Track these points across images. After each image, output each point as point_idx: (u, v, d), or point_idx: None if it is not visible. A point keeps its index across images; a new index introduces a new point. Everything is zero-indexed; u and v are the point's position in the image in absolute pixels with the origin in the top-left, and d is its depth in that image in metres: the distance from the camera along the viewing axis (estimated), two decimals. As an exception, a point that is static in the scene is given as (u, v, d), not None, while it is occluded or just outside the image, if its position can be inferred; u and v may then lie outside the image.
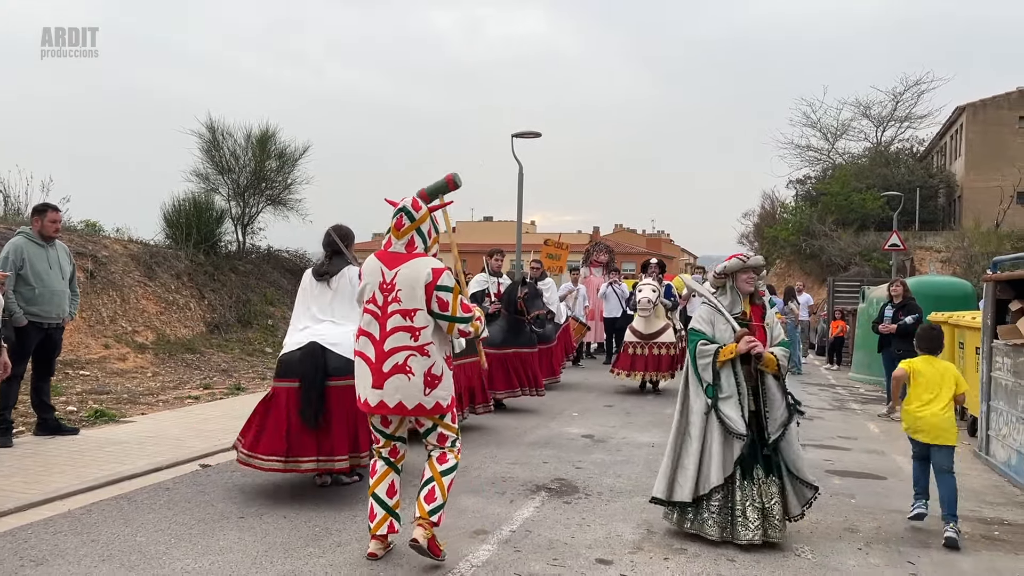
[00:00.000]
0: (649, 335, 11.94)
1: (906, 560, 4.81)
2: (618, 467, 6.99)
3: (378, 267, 4.35)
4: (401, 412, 4.28)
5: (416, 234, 4.41)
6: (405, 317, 4.24)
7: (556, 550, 4.72)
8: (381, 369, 4.23)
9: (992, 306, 7.94)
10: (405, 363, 4.20)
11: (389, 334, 4.24)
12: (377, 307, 4.29)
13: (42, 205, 7.34)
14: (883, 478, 7.04)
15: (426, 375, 4.23)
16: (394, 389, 4.21)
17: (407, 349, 4.22)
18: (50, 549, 4.41)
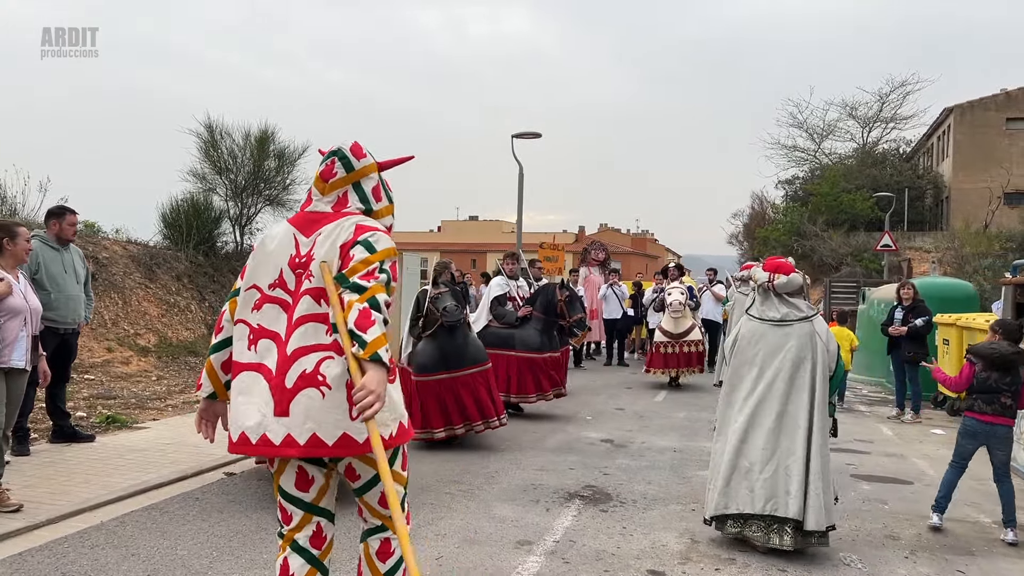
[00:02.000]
0: (679, 334, 12.76)
1: (955, 569, 4.78)
2: (645, 473, 6.93)
3: (290, 235, 2.88)
4: (317, 452, 2.65)
5: (353, 190, 2.95)
6: (318, 300, 2.72)
7: (605, 561, 4.65)
8: (283, 384, 2.66)
9: (1012, 309, 7.97)
10: (316, 370, 2.65)
11: (294, 328, 2.72)
12: (287, 292, 2.81)
13: (59, 208, 7.18)
14: (909, 482, 7.03)
15: (349, 386, 2.61)
16: (303, 415, 2.63)
17: (318, 349, 2.67)
18: (91, 564, 4.30)
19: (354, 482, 2.83)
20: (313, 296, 2.73)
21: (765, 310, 5.14)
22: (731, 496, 4.88)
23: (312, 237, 2.83)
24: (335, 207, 2.92)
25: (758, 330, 5.10)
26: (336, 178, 2.95)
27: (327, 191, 2.95)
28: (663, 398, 11.92)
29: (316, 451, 2.65)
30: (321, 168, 2.98)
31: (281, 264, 2.84)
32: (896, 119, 43.59)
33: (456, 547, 4.76)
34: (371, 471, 2.78)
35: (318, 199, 2.96)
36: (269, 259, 2.88)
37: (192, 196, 15.83)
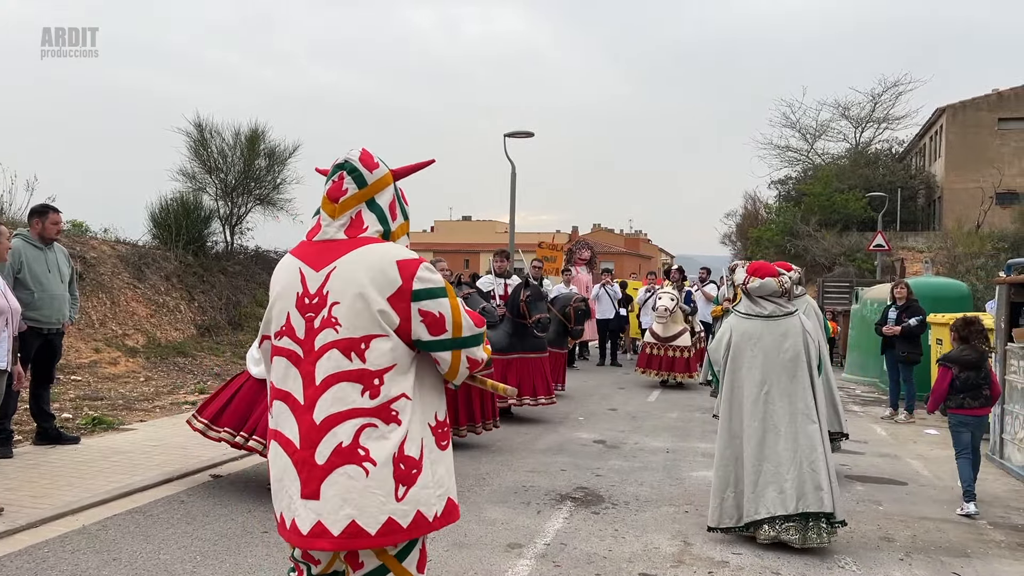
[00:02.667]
0: (666, 338, 12.88)
1: (951, 571, 4.72)
2: (638, 474, 6.86)
3: (295, 269, 2.43)
4: (356, 543, 2.26)
5: (367, 208, 2.46)
6: (349, 354, 2.28)
7: (597, 564, 4.58)
8: (313, 460, 2.26)
9: (1006, 309, 7.92)
10: (355, 443, 2.24)
11: (321, 390, 2.27)
12: (295, 342, 2.36)
13: (41, 206, 7.08)
14: (904, 483, 6.98)
15: (396, 461, 2.26)
16: (340, 498, 2.23)
17: (357, 414, 2.25)
18: (71, 569, 4.20)
19: (354, 571, 2.38)
20: (342, 349, 2.27)
21: (752, 306, 5.18)
22: (760, 501, 4.88)
23: (324, 271, 2.35)
24: (349, 231, 2.43)
25: (752, 330, 5.07)
26: (347, 196, 2.44)
27: (338, 213, 2.44)
28: (656, 398, 11.86)
29: (354, 543, 2.24)
30: (328, 186, 2.48)
31: (288, 307, 2.38)
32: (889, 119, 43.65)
33: (445, 551, 4.68)
34: (377, 562, 2.35)
35: (327, 223, 2.46)
36: (276, 302, 2.45)
37: (182, 195, 15.72)
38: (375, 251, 2.37)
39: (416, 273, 2.32)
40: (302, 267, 2.41)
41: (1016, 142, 36.96)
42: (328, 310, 2.30)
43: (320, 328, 2.30)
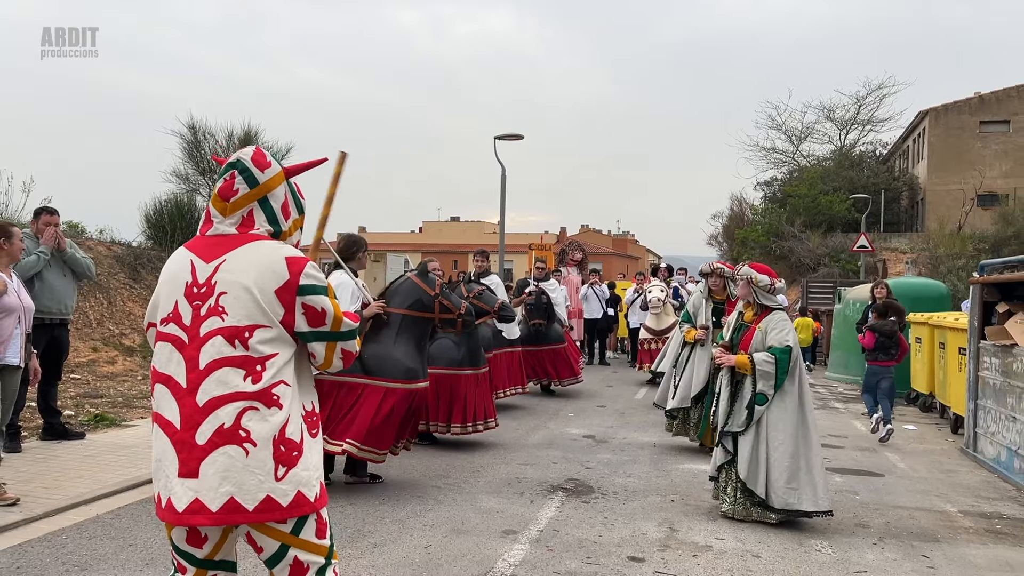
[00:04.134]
0: (661, 331, 13.13)
1: (920, 554, 5.01)
2: (626, 467, 7.13)
3: (185, 260, 2.51)
4: (234, 518, 2.34)
5: (259, 207, 2.55)
6: (233, 341, 2.38)
7: (587, 549, 4.84)
8: (193, 440, 2.34)
9: (980, 308, 8.23)
10: (236, 424, 2.34)
11: (205, 374, 2.37)
12: (181, 328, 2.43)
13: (39, 208, 7.37)
14: (880, 475, 7.27)
15: (276, 443, 2.37)
16: (219, 476, 2.32)
17: (239, 398, 2.35)
18: (90, 554, 4.43)
19: (259, 554, 2.47)
20: (227, 337, 2.38)
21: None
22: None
23: (214, 263, 2.45)
24: (240, 228, 2.53)
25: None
26: (238, 196, 2.51)
27: (229, 211, 2.52)
28: (643, 396, 12.14)
29: (232, 518, 2.32)
30: (219, 184, 2.55)
31: (176, 295, 2.47)
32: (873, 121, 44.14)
33: (444, 536, 4.94)
34: (275, 543, 2.41)
35: (219, 221, 2.53)
36: (163, 290, 2.53)
37: (175, 197, 15.92)
38: (265, 247, 2.49)
39: (303, 270, 2.46)
40: (193, 258, 2.49)
41: (997, 144, 37.51)
42: (215, 299, 2.41)
43: (206, 316, 2.41)
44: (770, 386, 5.40)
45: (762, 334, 5.54)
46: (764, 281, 5.59)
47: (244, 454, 2.32)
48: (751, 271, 5.68)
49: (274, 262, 2.44)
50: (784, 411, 5.44)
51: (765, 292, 5.61)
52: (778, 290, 5.71)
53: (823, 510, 5.40)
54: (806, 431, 5.52)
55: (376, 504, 5.61)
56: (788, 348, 5.46)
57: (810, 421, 5.56)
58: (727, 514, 5.52)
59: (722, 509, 5.59)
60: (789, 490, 5.34)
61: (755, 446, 5.44)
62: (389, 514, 5.39)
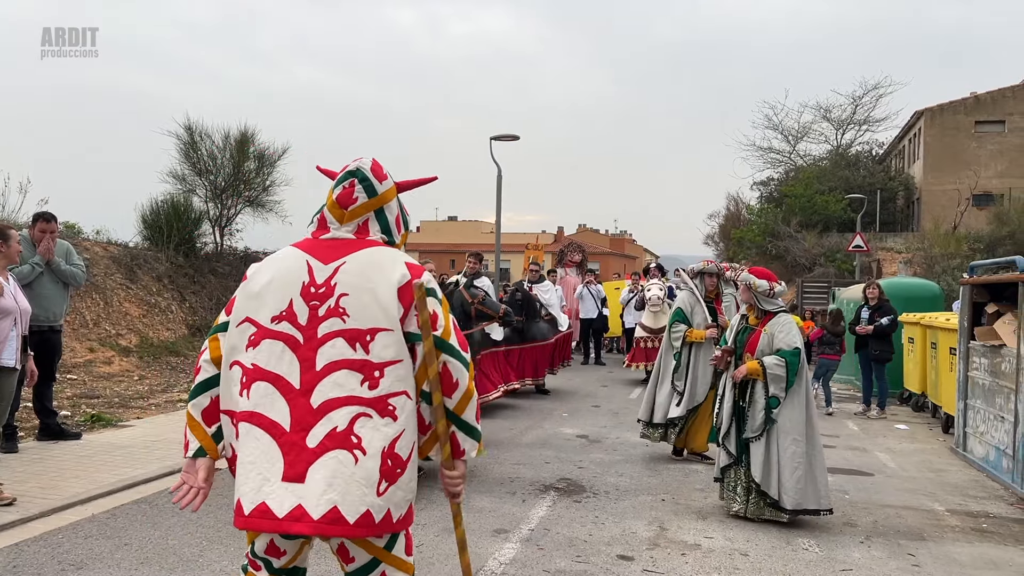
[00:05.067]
0: (658, 329, 12.97)
1: (906, 552, 5.08)
2: (619, 466, 7.20)
3: (300, 260, 2.47)
4: (333, 530, 2.23)
5: (375, 218, 2.56)
6: (354, 344, 2.33)
7: (577, 547, 4.90)
8: (304, 442, 2.26)
9: (969, 308, 8.30)
10: (350, 429, 2.27)
11: (321, 375, 2.30)
12: (296, 327, 2.36)
13: (36, 214, 7.40)
14: (870, 474, 7.34)
15: (385, 456, 2.29)
16: (325, 481, 2.22)
17: (355, 402, 2.28)
18: (86, 553, 4.48)
19: (347, 564, 2.44)
20: (347, 339, 2.32)
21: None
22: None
23: (333, 264, 2.42)
24: (357, 234, 2.53)
25: None
26: (357, 204, 2.52)
27: (347, 219, 2.51)
28: (637, 395, 12.19)
29: (332, 529, 2.22)
30: (338, 192, 2.53)
31: (291, 294, 2.40)
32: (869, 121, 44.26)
33: (435, 536, 5.00)
34: (367, 556, 2.39)
35: (336, 227, 2.53)
36: (271, 287, 2.42)
37: (172, 197, 15.93)
38: (386, 251, 2.50)
39: (423, 274, 2.44)
40: (309, 259, 2.45)
41: (992, 145, 37.63)
42: (336, 300, 2.35)
43: (325, 316, 2.35)
44: (781, 389, 5.48)
45: (769, 337, 5.60)
46: (763, 286, 5.67)
47: (353, 461, 2.24)
48: (750, 276, 5.72)
49: (394, 263, 2.44)
50: (793, 411, 5.51)
51: (765, 296, 5.68)
52: (778, 294, 5.74)
53: (825, 508, 5.48)
54: (812, 431, 5.60)
55: (369, 504, 5.67)
56: (797, 350, 5.53)
57: (814, 421, 5.66)
58: (738, 513, 5.57)
59: (732, 509, 5.63)
60: (799, 490, 5.42)
61: (768, 448, 5.49)
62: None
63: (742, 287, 5.78)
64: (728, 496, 5.71)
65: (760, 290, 5.65)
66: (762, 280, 5.69)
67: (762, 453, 5.48)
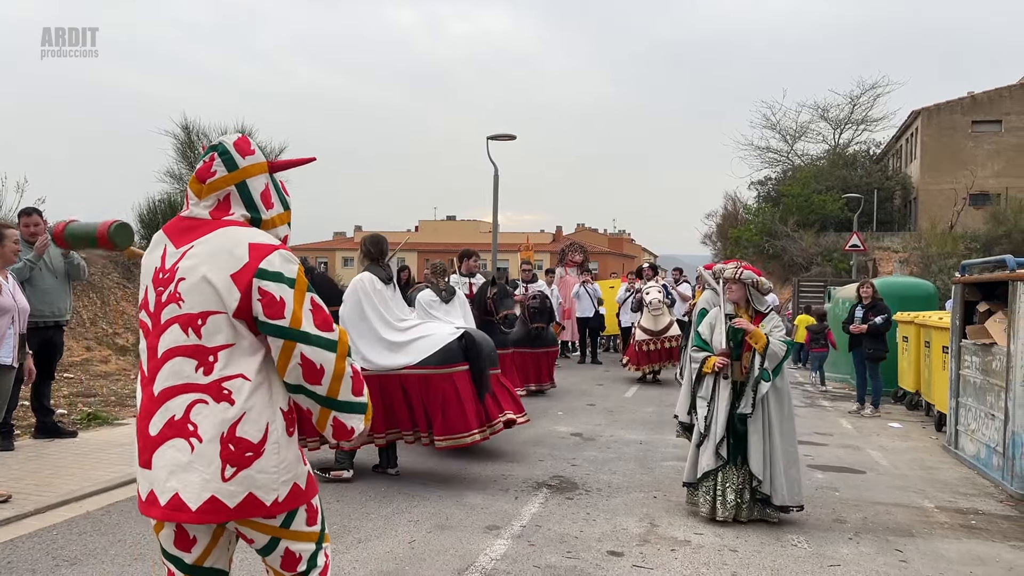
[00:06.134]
0: (659, 331, 13.29)
1: (894, 548, 5.12)
2: (612, 464, 7.24)
3: (160, 245, 2.47)
4: (177, 516, 2.25)
5: (237, 193, 2.46)
6: (187, 329, 2.30)
7: (568, 543, 4.94)
8: (147, 430, 2.30)
9: (961, 307, 8.35)
10: (186, 417, 2.26)
11: (161, 362, 2.32)
12: (148, 315, 2.40)
13: (22, 210, 7.45)
14: (862, 472, 7.38)
15: (225, 440, 2.25)
16: (166, 470, 2.25)
17: (190, 389, 2.27)
18: (80, 549, 4.52)
19: (251, 545, 2.44)
20: (182, 325, 2.29)
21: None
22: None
23: (182, 248, 2.37)
24: (214, 212, 2.43)
25: None
26: (215, 178, 2.44)
27: (204, 193, 2.45)
28: (633, 394, 12.26)
29: (176, 515, 2.25)
30: (198, 166, 2.50)
31: (147, 280, 2.43)
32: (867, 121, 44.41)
33: (428, 532, 5.04)
34: (265, 536, 2.38)
35: (194, 203, 2.47)
36: (142, 274, 2.50)
37: (169, 196, 16.00)
38: (232, 231, 2.38)
39: (267, 255, 2.32)
40: (167, 243, 2.44)
41: (989, 144, 37.73)
42: (175, 285, 2.33)
43: (166, 302, 2.34)
44: (774, 368, 5.45)
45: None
46: (767, 284, 5.67)
47: (189, 449, 2.24)
48: (754, 275, 5.64)
49: (236, 245, 2.33)
50: (781, 409, 5.54)
51: (762, 296, 5.69)
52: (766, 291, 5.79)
53: (800, 504, 5.53)
54: (792, 427, 5.67)
55: (363, 501, 5.71)
56: (791, 343, 5.62)
57: (794, 419, 5.74)
58: (726, 519, 5.41)
59: (721, 516, 5.43)
60: (788, 487, 5.47)
61: (764, 443, 5.45)
62: (375, 510, 5.49)
63: (738, 285, 5.60)
64: (706, 501, 5.49)
65: (764, 289, 5.63)
66: (764, 279, 5.69)
67: (760, 450, 5.41)
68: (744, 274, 5.61)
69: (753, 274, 5.67)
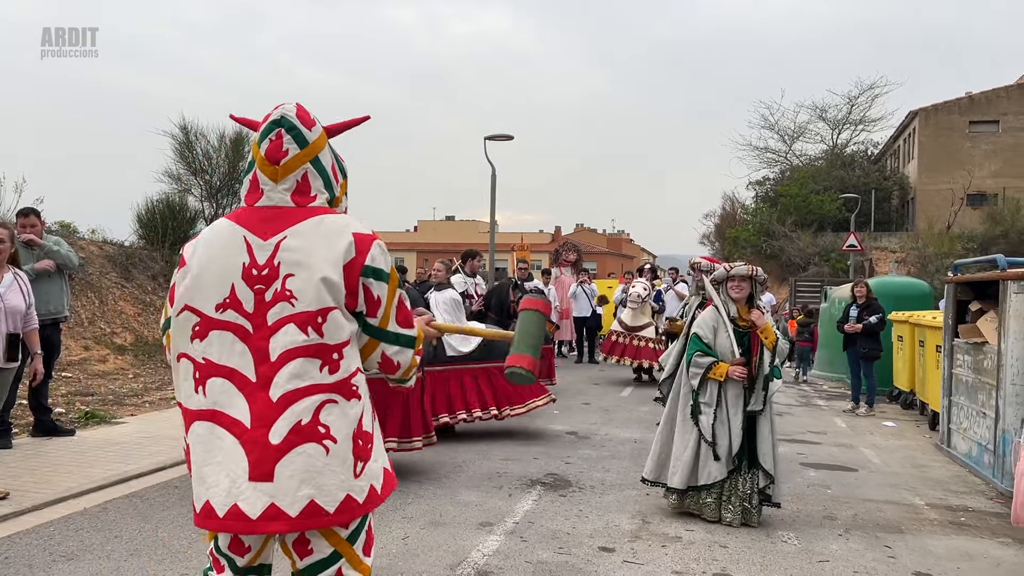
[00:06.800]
0: (632, 327, 13.30)
1: (883, 544, 5.17)
2: (605, 462, 7.29)
3: (237, 237, 2.23)
4: (315, 523, 2.15)
5: (313, 169, 2.27)
6: (307, 328, 2.14)
7: (560, 539, 5.00)
8: (267, 440, 2.11)
9: (953, 306, 8.40)
10: (315, 420, 2.13)
11: (277, 366, 2.13)
12: (243, 315, 2.17)
13: (20, 210, 7.49)
14: (854, 470, 7.44)
15: (356, 437, 2.19)
16: (298, 479, 2.11)
17: (318, 390, 2.14)
18: (77, 545, 4.57)
19: (303, 558, 2.25)
20: (300, 324, 2.13)
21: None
22: None
23: (273, 240, 2.18)
24: (296, 197, 2.24)
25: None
26: (289, 157, 2.23)
27: (280, 176, 2.23)
28: (629, 393, 12.32)
29: (313, 522, 2.13)
30: (265, 146, 2.24)
31: (232, 278, 2.18)
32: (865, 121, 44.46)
33: (421, 528, 5.09)
34: (328, 547, 2.24)
35: (270, 188, 2.24)
36: (209, 271, 2.21)
37: (167, 197, 16.07)
38: (330, 221, 2.23)
39: (370, 249, 2.22)
40: (247, 235, 2.21)
41: (986, 144, 37.80)
42: (282, 282, 2.15)
43: (273, 301, 2.15)
44: (778, 363, 5.47)
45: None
46: (763, 275, 5.57)
47: (324, 452, 2.12)
48: (754, 267, 5.57)
49: (338, 236, 2.19)
50: (771, 408, 5.57)
51: (763, 291, 5.71)
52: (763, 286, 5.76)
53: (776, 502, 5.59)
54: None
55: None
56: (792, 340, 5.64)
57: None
58: (731, 523, 5.34)
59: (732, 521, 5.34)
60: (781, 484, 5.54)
61: (771, 439, 5.46)
62: (370, 507, 5.53)
63: (747, 283, 5.45)
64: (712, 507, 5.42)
65: (763, 280, 5.54)
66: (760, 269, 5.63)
67: (770, 451, 5.39)
68: (758, 272, 5.53)
69: (763, 271, 5.65)
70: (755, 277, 5.48)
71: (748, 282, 5.46)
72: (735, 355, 5.36)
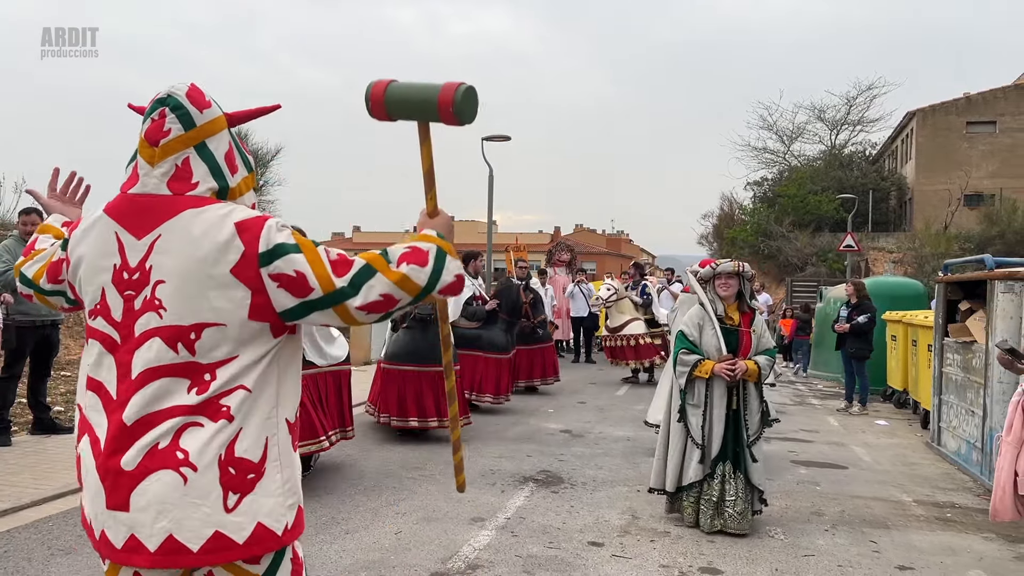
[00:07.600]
0: (614, 328, 13.44)
1: (869, 539, 5.26)
2: (598, 459, 7.38)
3: (109, 233, 1.95)
4: (177, 561, 1.81)
5: (196, 155, 1.96)
6: (174, 344, 1.84)
7: (550, 534, 5.08)
8: (118, 467, 1.80)
9: (943, 306, 8.49)
10: (174, 444, 1.81)
11: (138, 384, 1.83)
12: (111, 324, 1.90)
13: (22, 210, 7.58)
14: (844, 467, 7.52)
15: (224, 464, 1.83)
16: (154, 509, 1.79)
17: (179, 412, 1.82)
18: (75, 539, 4.66)
19: None
20: (167, 339, 1.83)
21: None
22: None
23: (147, 239, 1.89)
24: (174, 184, 1.92)
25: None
26: (170, 138, 1.94)
27: (158, 158, 1.93)
28: (624, 392, 12.40)
29: (175, 560, 1.80)
30: (147, 126, 1.97)
31: (103, 281, 1.92)
32: (863, 122, 44.56)
33: (414, 523, 5.18)
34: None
35: (146, 172, 1.94)
36: (86, 270, 1.97)
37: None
38: (210, 214, 1.89)
39: (260, 234, 1.86)
40: (119, 231, 1.92)
41: (984, 145, 37.90)
42: (152, 289, 1.86)
43: (141, 310, 1.86)
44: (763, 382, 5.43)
45: (756, 338, 5.41)
46: (750, 271, 5.46)
47: (182, 481, 1.79)
48: (741, 263, 5.49)
49: (223, 232, 1.85)
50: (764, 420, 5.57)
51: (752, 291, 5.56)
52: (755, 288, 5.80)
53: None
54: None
55: (352, 494, 5.85)
56: (773, 351, 5.51)
57: None
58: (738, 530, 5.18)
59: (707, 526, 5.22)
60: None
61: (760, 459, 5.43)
62: (363, 503, 5.62)
63: (735, 280, 5.37)
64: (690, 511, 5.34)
65: (750, 276, 5.44)
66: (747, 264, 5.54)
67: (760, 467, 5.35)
68: (745, 268, 5.41)
69: (750, 267, 5.52)
70: (742, 273, 5.38)
71: (736, 279, 5.36)
72: (722, 352, 5.24)
